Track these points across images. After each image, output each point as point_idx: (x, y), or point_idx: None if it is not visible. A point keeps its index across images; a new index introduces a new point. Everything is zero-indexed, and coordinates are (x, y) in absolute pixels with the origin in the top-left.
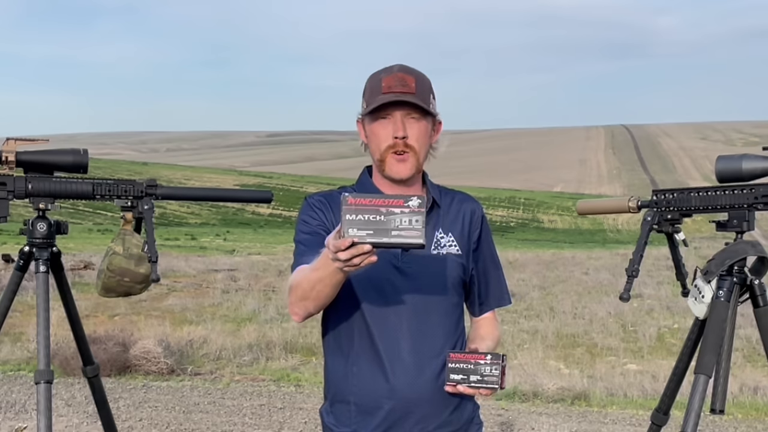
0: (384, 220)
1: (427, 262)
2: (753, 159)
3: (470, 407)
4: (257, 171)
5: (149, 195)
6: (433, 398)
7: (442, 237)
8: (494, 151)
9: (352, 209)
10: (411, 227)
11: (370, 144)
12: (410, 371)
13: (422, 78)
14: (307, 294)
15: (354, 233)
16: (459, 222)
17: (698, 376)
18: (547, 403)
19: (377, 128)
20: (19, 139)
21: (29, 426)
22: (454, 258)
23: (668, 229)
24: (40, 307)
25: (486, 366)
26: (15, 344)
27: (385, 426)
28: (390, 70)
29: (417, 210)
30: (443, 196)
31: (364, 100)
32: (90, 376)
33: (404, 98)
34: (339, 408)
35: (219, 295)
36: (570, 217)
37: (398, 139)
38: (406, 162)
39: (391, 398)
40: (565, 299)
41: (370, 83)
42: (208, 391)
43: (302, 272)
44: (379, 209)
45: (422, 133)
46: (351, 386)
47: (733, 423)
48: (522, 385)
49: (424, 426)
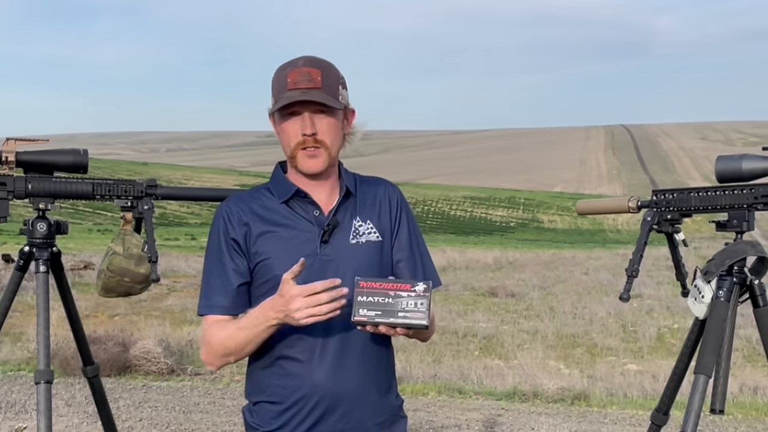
0: (392, 303)
1: (346, 251)
2: (753, 159)
3: (395, 400)
4: (257, 171)
5: (149, 195)
6: (356, 392)
7: (360, 225)
8: (494, 151)
9: (364, 292)
10: (416, 309)
11: (281, 140)
12: (332, 365)
13: (329, 69)
14: (231, 352)
15: (364, 313)
16: (376, 208)
17: (698, 376)
18: (547, 403)
19: (286, 126)
20: (19, 139)
21: (29, 426)
22: (374, 245)
23: (668, 229)
24: (40, 307)
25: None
26: (15, 344)
27: (310, 422)
28: (295, 63)
29: (423, 294)
30: (359, 185)
31: (272, 95)
32: (90, 376)
33: (309, 96)
34: (262, 407)
35: None
36: (570, 217)
37: (307, 136)
38: (318, 157)
39: (314, 394)
40: (565, 299)
41: (276, 78)
42: (208, 391)
43: (225, 330)
44: (388, 293)
45: (332, 127)
46: (273, 384)
47: (733, 423)
48: (522, 385)
49: (347, 420)
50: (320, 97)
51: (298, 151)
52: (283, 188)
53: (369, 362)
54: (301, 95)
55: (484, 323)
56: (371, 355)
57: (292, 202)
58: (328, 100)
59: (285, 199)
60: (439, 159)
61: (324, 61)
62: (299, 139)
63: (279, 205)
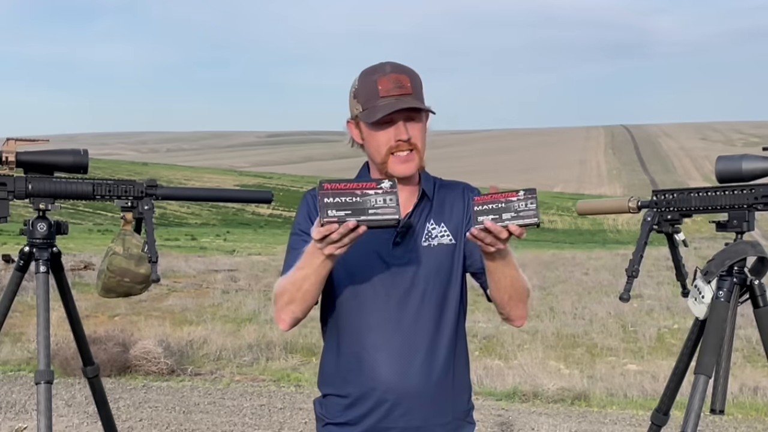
0: (360, 201)
1: (416, 253)
2: (753, 159)
3: (463, 404)
4: (257, 171)
5: (149, 195)
6: (421, 390)
7: (433, 228)
8: (494, 151)
9: (329, 193)
10: (386, 205)
11: (368, 147)
12: (397, 363)
13: (414, 75)
14: (294, 296)
15: (333, 214)
16: (451, 209)
17: (698, 377)
18: (547, 403)
19: (379, 135)
20: (19, 139)
21: (29, 426)
22: (446, 248)
23: (668, 230)
24: (40, 308)
25: (520, 201)
26: (15, 344)
27: (374, 418)
28: (383, 70)
29: (390, 190)
30: (438, 189)
31: (357, 101)
32: (90, 376)
33: (405, 104)
34: (330, 400)
35: (219, 296)
36: (570, 218)
37: (402, 142)
38: (411, 162)
39: (377, 390)
40: (565, 299)
41: (363, 84)
42: (208, 391)
43: (286, 278)
44: (354, 192)
45: (422, 131)
46: (340, 379)
47: (733, 423)
48: (522, 386)
49: (410, 418)
50: (414, 103)
51: (389, 156)
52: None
53: (436, 361)
54: (397, 102)
55: (484, 323)
56: (439, 354)
57: None
58: (421, 105)
59: None
60: (439, 159)
61: (407, 67)
62: (392, 143)
63: None
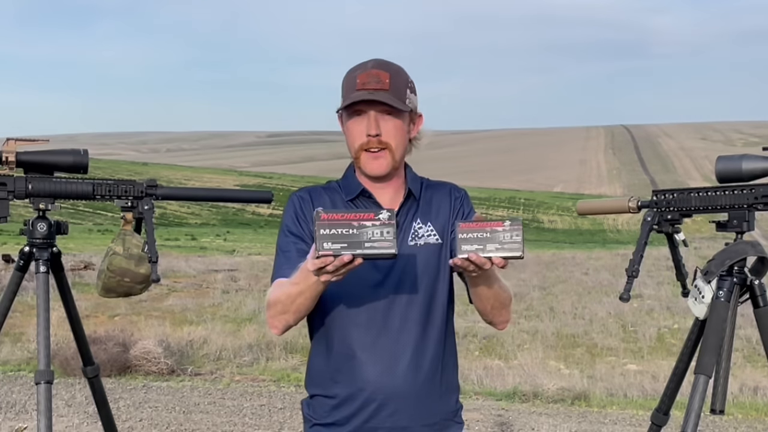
0: (357, 234)
1: (402, 253)
2: (753, 159)
3: (451, 404)
4: (257, 171)
5: (149, 195)
6: (408, 390)
7: (420, 227)
8: (494, 151)
9: (326, 224)
10: (383, 238)
11: (346, 140)
12: (385, 363)
13: (398, 73)
14: (287, 308)
15: (329, 247)
16: (438, 210)
17: (698, 377)
18: (547, 403)
19: (352, 125)
20: (19, 139)
21: (29, 426)
22: (433, 247)
23: (668, 230)
24: (40, 308)
25: (506, 232)
26: (15, 344)
27: (361, 418)
28: (365, 66)
29: (387, 222)
30: (425, 188)
31: (342, 96)
32: (90, 376)
33: (375, 96)
34: (317, 401)
35: (219, 296)
36: (570, 218)
37: (371, 137)
38: (380, 159)
39: (365, 390)
40: (565, 299)
41: (346, 79)
42: (208, 391)
43: (281, 287)
44: (351, 223)
45: (397, 129)
46: (328, 380)
47: (733, 423)
48: (522, 386)
49: (398, 418)
50: (386, 98)
51: (362, 152)
52: (351, 187)
53: (424, 361)
54: (368, 95)
55: (483, 323)
56: (427, 354)
57: (357, 201)
58: (393, 101)
59: (351, 197)
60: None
61: (393, 65)
62: (363, 139)
63: (345, 202)
